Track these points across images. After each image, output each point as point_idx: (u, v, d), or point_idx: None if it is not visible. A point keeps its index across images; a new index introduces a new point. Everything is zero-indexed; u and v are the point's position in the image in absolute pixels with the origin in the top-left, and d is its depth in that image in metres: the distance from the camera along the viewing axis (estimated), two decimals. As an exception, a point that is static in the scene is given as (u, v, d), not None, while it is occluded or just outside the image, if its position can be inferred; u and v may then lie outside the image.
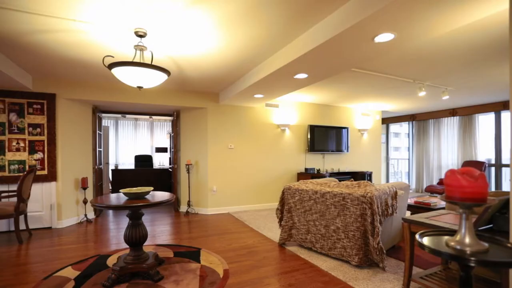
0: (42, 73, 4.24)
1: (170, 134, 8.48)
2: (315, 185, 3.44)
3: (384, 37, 2.43)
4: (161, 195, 2.91)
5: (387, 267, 2.89)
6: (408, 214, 4.01)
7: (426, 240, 1.39)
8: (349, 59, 3.03)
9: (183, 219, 5.13)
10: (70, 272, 2.81)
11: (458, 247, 1.27)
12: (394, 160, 10.02)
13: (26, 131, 4.40)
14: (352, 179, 3.75)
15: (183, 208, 5.82)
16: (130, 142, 9.81)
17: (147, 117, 9.58)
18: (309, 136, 6.52)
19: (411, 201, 3.84)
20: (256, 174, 6.04)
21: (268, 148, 6.18)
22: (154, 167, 8.76)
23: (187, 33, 2.85)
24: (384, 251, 2.81)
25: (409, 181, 9.02)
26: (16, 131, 4.35)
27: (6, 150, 4.30)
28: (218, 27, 2.73)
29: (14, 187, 4.32)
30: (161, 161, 10.05)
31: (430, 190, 7.07)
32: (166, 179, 7.31)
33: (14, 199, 4.22)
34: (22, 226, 4.29)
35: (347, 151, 7.09)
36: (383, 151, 9.71)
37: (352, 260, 2.88)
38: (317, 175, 6.13)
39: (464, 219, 1.30)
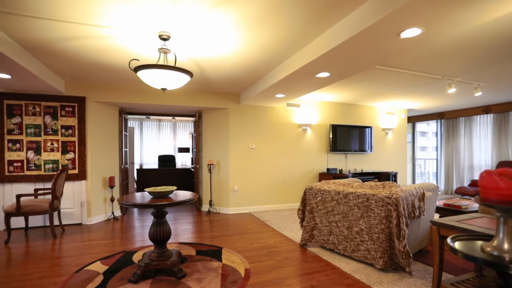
0: (73, 78, 4.47)
1: (192, 135, 8.64)
2: (338, 185, 3.37)
3: (410, 32, 2.33)
4: (184, 195, 2.97)
5: (414, 272, 2.77)
6: (436, 216, 3.83)
7: (458, 245, 1.31)
8: (373, 57, 2.95)
9: (205, 218, 5.21)
10: (99, 267, 2.94)
11: (495, 253, 1.19)
12: (420, 160, 9.62)
13: (59, 133, 4.66)
14: (376, 179, 3.64)
15: (205, 207, 5.91)
16: (154, 143, 10.11)
17: (170, 118, 9.84)
18: (331, 136, 6.40)
19: (439, 203, 3.67)
20: (277, 174, 6.02)
21: (289, 148, 6.14)
22: (176, 167, 8.97)
23: (209, 35, 2.89)
24: (411, 255, 2.70)
25: (437, 182, 8.62)
26: (50, 132, 4.62)
27: (42, 151, 4.58)
28: (239, 28, 2.75)
29: (48, 185, 4.59)
30: (183, 161, 10.27)
31: (461, 192, 6.71)
32: (188, 179, 7.46)
33: (49, 197, 4.48)
34: (56, 222, 4.54)
35: (371, 151, 6.89)
36: (409, 150, 9.34)
37: (377, 263, 2.79)
38: (340, 175, 6.00)
39: (502, 223, 1.22)
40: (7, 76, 3.64)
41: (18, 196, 3.77)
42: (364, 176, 6.52)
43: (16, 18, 2.54)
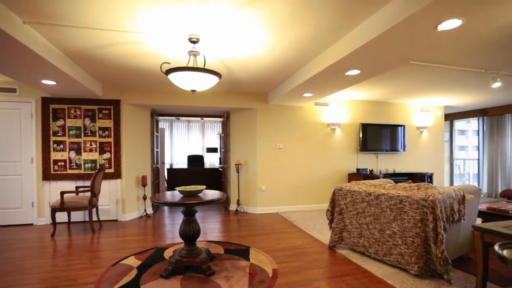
0: (109, 82, 4.74)
1: (220, 135, 8.79)
2: (369, 186, 3.25)
3: (449, 24, 2.19)
4: (212, 194, 3.03)
5: (453, 280, 2.60)
6: (479, 221, 3.56)
7: (507, 253, 1.21)
8: (407, 52, 2.81)
9: (233, 217, 5.27)
10: (133, 261, 3.09)
11: (548, 262, 1.08)
12: (459, 160, 9.00)
13: (97, 134, 4.96)
14: (410, 181, 3.46)
15: (233, 206, 5.99)
16: (183, 143, 10.41)
17: (199, 118, 10.08)
18: (361, 135, 6.20)
19: (482, 207, 3.41)
20: (305, 174, 5.94)
21: (318, 147, 6.03)
22: (205, 167, 9.17)
23: (237, 36, 2.92)
24: (450, 262, 2.53)
25: (479, 184, 8.01)
26: (89, 134, 4.93)
27: (82, 151, 4.90)
28: (267, 28, 2.75)
29: (88, 183, 4.90)
30: (211, 161, 10.47)
31: (508, 195, 6.18)
32: (216, 178, 7.60)
33: (88, 194, 4.78)
34: (94, 218, 4.84)
35: (404, 150, 6.57)
36: (446, 150, 8.78)
37: (411, 269, 2.65)
38: (370, 176, 5.79)
39: (556, 230, 1.10)
40: (53, 83, 3.94)
41: (62, 193, 4.07)
42: (397, 177, 6.23)
43: (61, 29, 2.74)
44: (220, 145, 8.92)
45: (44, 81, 3.87)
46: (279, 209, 5.77)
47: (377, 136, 6.31)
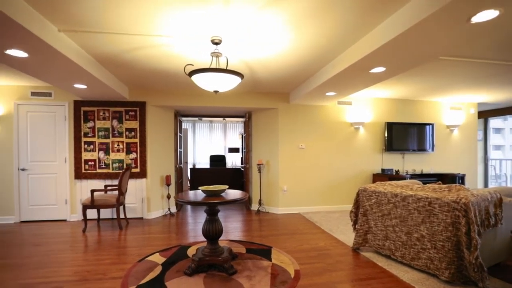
0: (135, 84, 4.91)
1: (242, 135, 8.85)
2: (395, 187, 3.13)
3: (484, 16, 2.05)
4: (234, 193, 3.05)
5: None
6: (517, 226, 3.32)
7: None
8: (436, 47, 2.68)
9: (254, 217, 5.29)
10: (158, 258, 3.18)
11: None
12: (495, 161, 8.46)
13: (124, 135, 5.16)
14: (439, 182, 3.30)
15: (254, 206, 6.00)
16: (206, 143, 10.59)
17: (221, 119, 10.22)
18: (386, 134, 5.99)
19: (521, 210, 3.17)
20: (327, 174, 5.84)
21: (341, 147, 5.91)
22: (227, 167, 9.27)
23: (259, 36, 2.92)
24: (485, 269, 2.38)
25: (517, 187, 7.47)
26: (117, 134, 5.14)
27: (110, 151, 5.12)
28: (289, 27, 2.73)
29: (116, 182, 5.11)
30: (233, 160, 10.57)
31: (549, 198, 5.72)
32: (238, 178, 7.65)
33: (116, 192, 4.99)
34: (121, 215, 5.04)
35: (432, 150, 6.28)
36: (480, 150, 8.28)
37: (441, 275, 2.53)
38: (396, 176, 5.59)
39: None
40: (84, 86, 4.15)
41: (92, 191, 4.27)
42: (425, 177, 5.97)
43: (91, 36, 2.88)
44: (242, 145, 8.98)
45: (76, 85, 4.09)
46: (301, 210, 5.72)
47: (404, 135, 6.08)
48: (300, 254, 3.33)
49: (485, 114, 8.07)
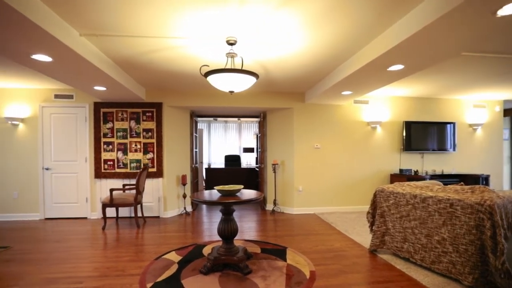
0: (152, 86, 5.02)
1: (257, 135, 8.86)
2: (414, 188, 3.04)
3: (511, 9, 1.96)
4: (249, 193, 3.06)
5: (515, 294, 2.33)
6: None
7: None
8: (459, 42, 2.58)
9: (269, 217, 5.28)
10: (174, 256, 3.23)
11: None
12: (522, 161, 8.03)
13: (141, 135, 5.28)
14: (461, 183, 3.18)
15: (269, 206, 5.99)
16: (221, 143, 10.67)
17: (236, 119, 10.27)
18: (404, 134, 5.83)
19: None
20: (343, 174, 5.75)
21: (357, 147, 5.80)
22: (241, 167, 9.30)
23: (274, 36, 2.92)
24: None
25: (546, 188, 7.09)
26: (134, 135, 5.27)
27: (128, 151, 5.25)
28: (304, 27, 2.70)
29: (133, 181, 5.24)
30: (248, 160, 10.60)
31: None
32: (252, 178, 7.66)
33: (134, 192, 5.11)
34: (138, 214, 5.16)
35: (454, 150, 6.05)
36: (506, 149, 7.90)
37: (464, 280, 2.43)
38: (415, 177, 5.43)
39: None
40: (103, 88, 4.28)
41: (111, 190, 4.39)
42: (446, 178, 5.76)
43: (110, 39, 2.97)
44: (257, 145, 8.99)
45: (96, 87, 4.22)
46: (316, 210, 5.66)
47: (423, 134, 5.89)
48: (316, 255, 3.29)
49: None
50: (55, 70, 3.34)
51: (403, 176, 5.55)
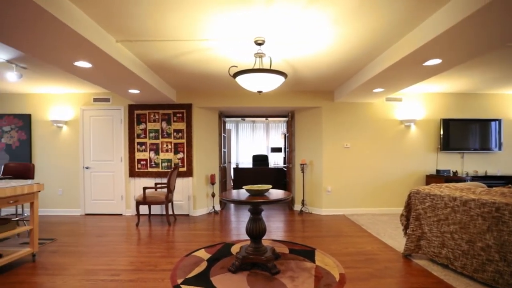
0: (182, 87, 5.18)
1: (285, 135, 8.81)
2: (453, 190, 2.85)
3: None
4: (277, 193, 3.05)
5: None
6: None
7: None
8: (505, 32, 2.37)
9: (297, 217, 5.22)
10: (203, 254, 3.30)
11: None
12: None
13: (172, 136, 5.47)
14: (510, 185, 2.92)
15: (297, 207, 5.93)
16: (249, 143, 10.75)
17: (264, 119, 10.29)
18: (442, 132, 5.49)
19: None
20: (374, 175, 5.54)
21: (389, 146, 5.56)
22: (269, 166, 9.30)
23: (302, 34, 2.88)
24: None
25: None
26: (166, 135, 5.47)
27: (160, 151, 5.47)
28: (333, 23, 2.64)
29: (165, 180, 5.44)
30: (276, 160, 10.57)
31: None
32: (280, 178, 7.63)
33: (165, 190, 5.30)
34: (169, 212, 5.35)
35: (499, 149, 5.59)
36: (561, 149, 7.15)
37: (512, 290, 2.23)
38: (454, 178, 5.09)
39: None
40: (137, 91, 4.49)
41: (145, 188, 4.60)
42: (490, 180, 5.33)
43: (144, 44, 3.10)
44: (285, 145, 8.94)
45: (130, 90, 4.44)
46: (346, 211, 5.50)
47: (463, 132, 5.51)
48: (345, 257, 3.20)
49: None
50: (94, 75, 3.56)
51: (440, 177, 5.22)
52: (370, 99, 5.31)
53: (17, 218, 4.14)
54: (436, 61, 3.11)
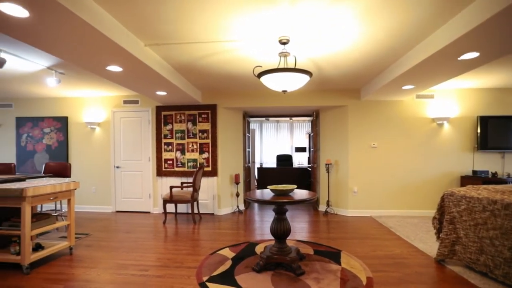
0: (207, 88, 5.27)
1: (309, 134, 8.70)
2: (492, 192, 2.66)
3: None
4: (302, 193, 3.01)
5: None
6: None
7: None
8: (549, 21, 2.18)
9: (322, 218, 5.13)
10: (228, 253, 3.34)
11: None
12: None
13: (197, 136, 5.58)
14: (557, 188, 2.68)
15: (322, 207, 5.83)
16: (272, 143, 10.73)
17: (288, 118, 10.22)
18: (479, 131, 5.15)
19: None
20: (403, 175, 5.31)
21: (420, 146, 5.31)
22: (293, 166, 9.22)
23: (327, 32, 2.82)
24: None
25: None
26: (191, 136, 5.60)
27: (186, 151, 5.60)
28: (359, 20, 2.57)
29: (190, 180, 5.56)
30: (300, 160, 10.47)
31: None
32: (304, 178, 7.54)
33: (191, 189, 5.43)
34: (195, 210, 5.46)
35: (545, 149, 5.14)
36: None
37: (562, 302, 2.04)
38: (493, 179, 4.75)
39: None
40: (164, 93, 4.64)
41: (171, 187, 4.73)
42: (534, 182, 4.92)
43: (170, 47, 3.20)
44: (309, 145, 8.83)
45: (158, 92, 4.59)
46: (372, 213, 5.33)
47: (503, 131, 5.13)
48: (373, 260, 3.09)
49: None
50: (124, 78, 3.73)
51: (477, 178, 4.90)
52: (399, 97, 5.10)
53: (56, 214, 4.42)
54: (473, 55, 2.92)
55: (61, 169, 4.55)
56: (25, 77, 4.45)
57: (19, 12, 1.96)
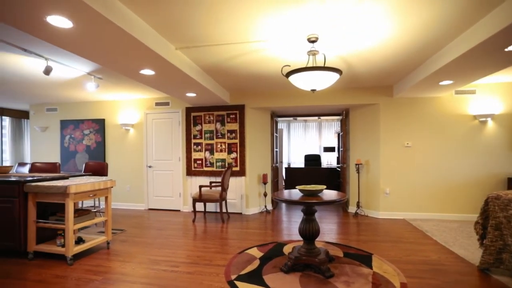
0: (235, 89, 5.34)
1: (339, 133, 8.50)
2: (545, 196, 2.42)
3: None
4: (331, 194, 2.94)
5: None
6: None
7: None
8: None
9: (352, 220, 4.98)
10: (256, 252, 3.35)
11: None
12: None
13: (226, 136, 5.67)
14: None
15: (352, 208, 5.66)
16: (300, 143, 10.61)
17: (316, 118, 10.06)
18: (528, 129, 4.71)
19: None
20: (441, 177, 5.00)
21: (460, 145, 4.96)
22: (322, 166, 9.05)
23: (357, 28, 2.74)
24: None
25: None
26: (220, 136, 5.69)
27: (214, 151, 5.71)
28: (390, 14, 2.46)
29: (219, 179, 5.66)
30: (328, 160, 10.25)
31: None
32: (333, 178, 7.37)
33: (219, 189, 5.52)
34: (223, 209, 5.55)
35: None
36: None
37: None
38: (546, 183, 4.32)
39: None
40: (194, 94, 4.76)
41: (200, 187, 4.85)
42: None
43: (199, 49, 3.28)
44: (338, 144, 8.62)
45: (187, 94, 4.73)
46: (406, 215, 5.07)
47: (558, 129, 4.64)
48: (407, 265, 2.95)
49: None
50: (156, 81, 3.88)
51: (526, 181, 4.48)
52: (435, 93, 4.81)
53: (95, 210, 4.72)
54: (520, 46, 2.68)
55: (99, 168, 4.84)
56: (68, 83, 4.80)
57: (64, 23, 2.11)
